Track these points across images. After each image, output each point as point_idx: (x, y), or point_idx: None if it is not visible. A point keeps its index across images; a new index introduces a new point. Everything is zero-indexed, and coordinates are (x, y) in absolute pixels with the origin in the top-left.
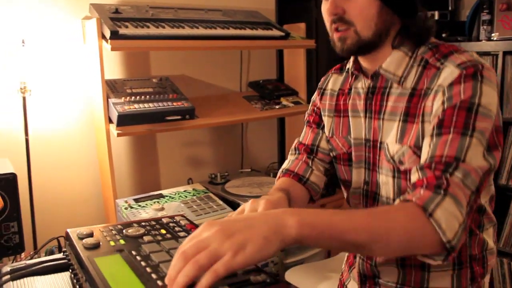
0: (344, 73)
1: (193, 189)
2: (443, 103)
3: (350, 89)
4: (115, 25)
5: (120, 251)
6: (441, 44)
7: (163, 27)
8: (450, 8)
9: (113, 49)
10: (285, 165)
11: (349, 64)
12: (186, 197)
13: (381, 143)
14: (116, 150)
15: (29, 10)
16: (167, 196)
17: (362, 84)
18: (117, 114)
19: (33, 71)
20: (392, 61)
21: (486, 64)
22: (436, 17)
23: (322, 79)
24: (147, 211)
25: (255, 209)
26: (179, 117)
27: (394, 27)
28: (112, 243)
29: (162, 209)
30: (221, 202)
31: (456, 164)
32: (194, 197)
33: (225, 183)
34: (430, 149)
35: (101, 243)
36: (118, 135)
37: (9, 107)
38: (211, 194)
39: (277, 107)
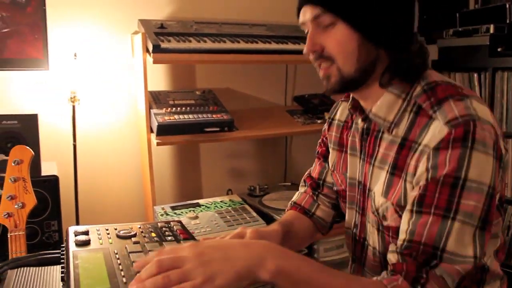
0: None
1: (230, 200)
2: (427, 170)
3: (352, 124)
4: (158, 40)
5: (105, 249)
6: (439, 85)
7: (205, 41)
8: (508, 21)
9: (155, 62)
10: (294, 197)
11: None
12: (222, 207)
13: (369, 190)
14: (161, 158)
15: (82, 25)
16: (203, 205)
17: (361, 124)
18: (157, 124)
19: (83, 82)
20: (382, 105)
21: (483, 117)
22: (492, 31)
23: (332, 107)
24: (181, 219)
25: (240, 236)
26: (217, 128)
27: (381, 62)
28: (100, 242)
29: (196, 217)
30: (255, 214)
31: (437, 261)
32: (229, 208)
33: (263, 195)
34: (408, 229)
35: (91, 241)
36: (158, 144)
37: (59, 115)
38: (246, 206)
39: (319, 121)
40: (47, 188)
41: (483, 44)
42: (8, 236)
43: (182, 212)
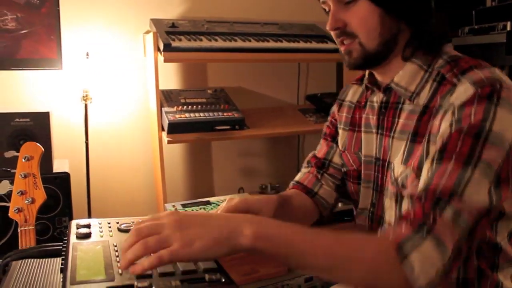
0: (363, 85)
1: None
2: (450, 124)
3: (365, 103)
4: (169, 38)
5: (105, 242)
6: (461, 58)
7: (216, 40)
8: None
9: (166, 60)
10: (296, 177)
11: (365, 77)
12: None
13: (389, 163)
14: (172, 156)
15: (94, 25)
16: (213, 203)
17: (377, 98)
18: (168, 122)
19: (95, 81)
20: (404, 74)
21: (509, 82)
22: (509, 28)
23: (342, 89)
24: None
25: (229, 205)
26: (228, 127)
27: (403, 35)
28: (101, 235)
29: None
30: None
31: (449, 200)
32: None
33: (275, 194)
34: (427, 177)
35: (92, 234)
36: (169, 142)
37: (72, 113)
38: None
39: None
40: (58, 184)
41: (500, 42)
42: (18, 230)
43: (192, 210)
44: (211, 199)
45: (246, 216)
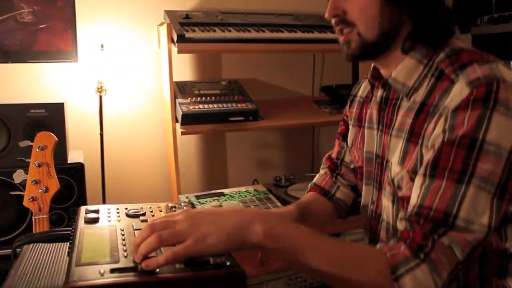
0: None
1: (255, 190)
2: (443, 131)
3: (371, 98)
4: (183, 30)
5: (112, 226)
6: (465, 51)
7: (230, 31)
8: None
9: (179, 51)
10: (314, 179)
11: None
12: (246, 197)
13: (387, 161)
14: (186, 147)
15: (109, 17)
16: (227, 195)
17: (379, 93)
18: (181, 113)
19: (110, 73)
20: (402, 69)
21: (509, 79)
22: None
23: (355, 85)
24: (205, 207)
25: None
26: (242, 118)
27: (405, 27)
28: (109, 220)
29: (220, 206)
30: (279, 204)
31: (445, 229)
32: (254, 198)
33: (289, 186)
34: (420, 194)
35: (100, 219)
36: (182, 133)
37: (87, 105)
38: (271, 196)
39: None
40: (73, 175)
41: None
42: (33, 219)
43: (206, 201)
44: (225, 191)
45: (258, 212)
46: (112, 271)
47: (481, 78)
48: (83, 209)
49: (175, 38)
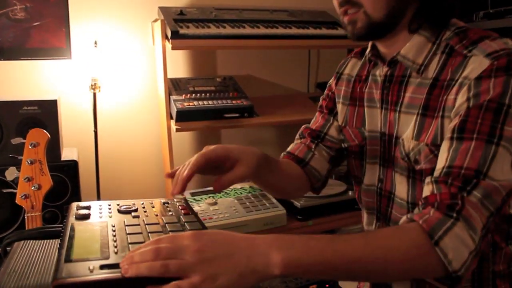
0: (364, 58)
1: (250, 187)
2: (468, 99)
3: (367, 76)
4: (177, 26)
5: (103, 222)
6: (470, 29)
7: (224, 27)
8: None
9: (173, 48)
10: (289, 147)
11: (368, 49)
12: (241, 193)
13: (396, 138)
14: (181, 145)
15: (103, 14)
16: (223, 192)
17: (380, 72)
18: (176, 110)
19: (104, 69)
20: (411, 46)
21: None
22: None
23: (341, 62)
24: (200, 205)
25: (207, 152)
26: (237, 114)
27: (411, 6)
28: (100, 216)
29: (215, 203)
30: (274, 201)
31: (477, 181)
32: (249, 195)
33: None
34: (448, 157)
35: (91, 215)
36: (177, 130)
37: (81, 102)
38: (266, 193)
39: None
40: (66, 172)
41: None
42: (25, 217)
43: (201, 198)
44: None
45: (270, 239)
46: (102, 267)
47: (498, 50)
48: (74, 205)
49: (169, 35)
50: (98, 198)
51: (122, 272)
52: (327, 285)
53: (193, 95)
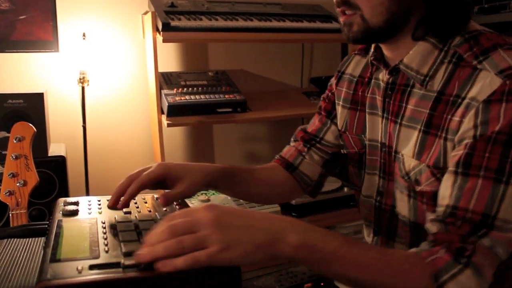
0: (367, 58)
1: None
2: (474, 127)
3: (370, 79)
4: (168, 18)
5: (92, 219)
6: (482, 34)
7: (216, 20)
8: None
9: (164, 40)
10: (282, 151)
11: (371, 50)
12: None
13: (396, 152)
14: (172, 140)
15: (91, 5)
16: None
17: (382, 76)
18: (167, 104)
19: (92, 63)
20: (416, 54)
21: None
22: None
23: (343, 60)
24: (193, 202)
25: (149, 173)
26: (230, 109)
27: (416, 13)
28: (89, 212)
29: (208, 200)
30: None
31: (485, 230)
32: None
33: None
34: (453, 194)
35: (79, 212)
36: (168, 125)
37: (69, 97)
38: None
39: None
40: (54, 168)
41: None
42: (10, 214)
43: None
44: None
45: (290, 219)
46: (91, 267)
47: None
48: (60, 201)
49: (160, 27)
50: (87, 192)
51: (139, 259)
52: (322, 283)
53: (185, 89)
